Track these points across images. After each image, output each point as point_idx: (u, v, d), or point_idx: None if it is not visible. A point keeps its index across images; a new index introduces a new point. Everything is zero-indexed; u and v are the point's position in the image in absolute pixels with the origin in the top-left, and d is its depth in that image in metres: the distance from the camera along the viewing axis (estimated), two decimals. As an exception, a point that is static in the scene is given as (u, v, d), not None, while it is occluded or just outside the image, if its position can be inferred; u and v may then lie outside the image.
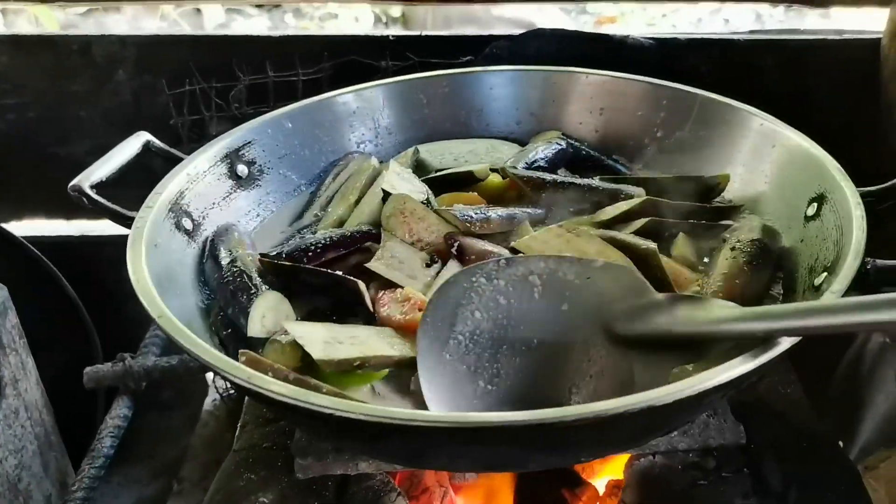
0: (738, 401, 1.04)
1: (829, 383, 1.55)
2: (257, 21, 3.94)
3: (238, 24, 3.87)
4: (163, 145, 1.19)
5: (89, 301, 1.79)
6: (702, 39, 1.60)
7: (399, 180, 1.14)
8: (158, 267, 0.94)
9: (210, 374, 1.90)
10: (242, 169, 1.18)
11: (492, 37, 1.60)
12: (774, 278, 1.00)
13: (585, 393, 0.82)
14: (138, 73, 1.69)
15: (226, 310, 0.99)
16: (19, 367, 1.50)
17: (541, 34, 1.57)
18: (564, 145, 1.27)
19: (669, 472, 1.01)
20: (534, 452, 0.78)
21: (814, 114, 1.16)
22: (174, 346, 1.58)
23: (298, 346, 0.89)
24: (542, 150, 1.24)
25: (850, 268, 0.82)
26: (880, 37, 1.56)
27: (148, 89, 1.70)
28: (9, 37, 1.74)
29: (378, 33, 1.68)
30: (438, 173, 1.23)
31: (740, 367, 0.71)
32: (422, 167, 1.26)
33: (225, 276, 1.00)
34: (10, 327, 1.47)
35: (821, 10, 2.20)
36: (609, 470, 1.15)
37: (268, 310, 0.96)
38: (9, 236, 1.72)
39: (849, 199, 0.94)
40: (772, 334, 0.74)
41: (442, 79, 1.35)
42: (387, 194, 1.10)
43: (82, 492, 1.29)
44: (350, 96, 1.31)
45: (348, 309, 0.98)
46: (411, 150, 1.29)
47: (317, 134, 1.28)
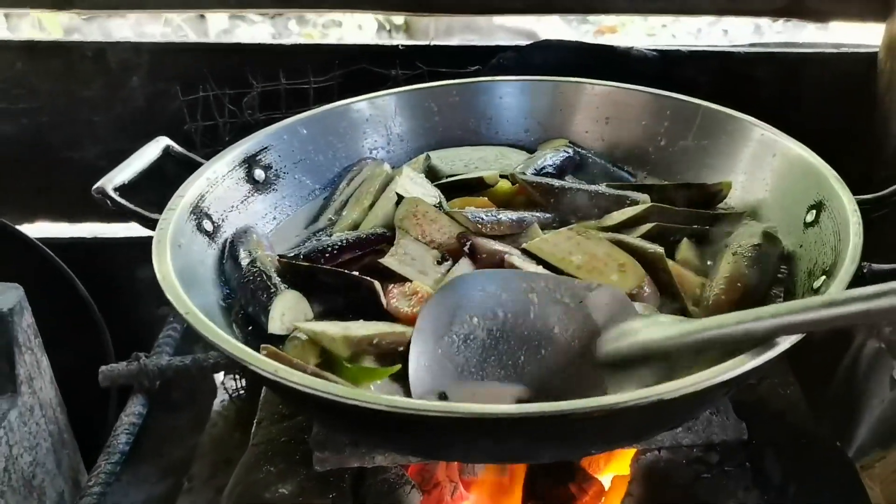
0: (740, 401, 1.08)
1: (827, 387, 1.59)
2: (261, 28, 3.95)
3: (241, 30, 3.88)
4: (181, 150, 1.22)
5: (101, 301, 1.81)
6: (703, 52, 1.65)
7: (412, 184, 1.18)
8: (182, 266, 0.97)
9: (219, 375, 1.93)
10: (259, 173, 1.22)
11: (499, 47, 1.64)
12: (775, 282, 1.04)
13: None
14: (152, 80, 1.73)
15: (246, 308, 1.03)
16: (34, 365, 1.53)
17: (547, 45, 1.61)
18: (571, 153, 1.31)
19: (674, 466, 1.05)
20: (546, 444, 0.82)
21: (810, 125, 1.19)
22: (187, 346, 1.63)
23: (317, 343, 0.93)
24: (550, 157, 1.28)
25: (847, 271, 0.86)
26: (877, 51, 1.60)
27: (161, 95, 1.73)
28: (23, 42, 1.77)
29: (388, 43, 1.72)
30: (449, 179, 1.27)
31: (745, 365, 0.75)
32: (433, 173, 1.29)
33: (245, 275, 1.03)
34: (25, 326, 1.50)
35: (819, 23, 2.25)
36: (615, 466, 1.18)
37: (287, 308, 0.99)
38: (23, 238, 1.75)
39: (846, 206, 0.97)
40: (771, 333, 0.77)
41: (453, 88, 1.39)
42: (400, 197, 1.14)
43: (98, 487, 1.31)
44: (363, 104, 1.34)
45: (361, 310, 1.01)
46: (423, 156, 1.32)
47: (331, 140, 1.31)
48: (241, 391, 1.83)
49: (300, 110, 1.34)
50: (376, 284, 1.00)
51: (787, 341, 0.78)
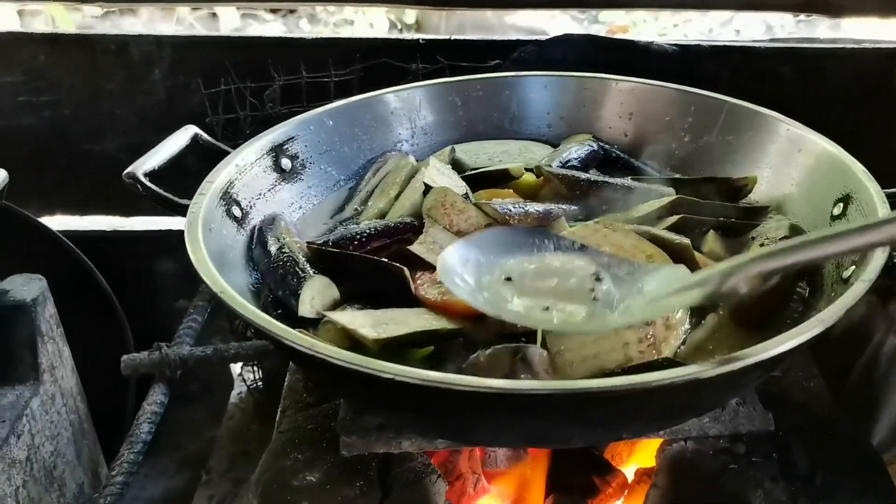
0: (765, 392, 1.08)
1: (847, 383, 1.59)
2: (272, 26, 3.96)
3: (253, 28, 3.89)
4: (210, 139, 1.23)
5: (121, 293, 1.83)
6: (723, 46, 1.65)
7: (439, 175, 1.19)
8: (213, 249, 0.97)
9: (236, 367, 1.94)
10: (286, 163, 1.23)
11: (519, 41, 1.65)
12: (801, 273, 1.04)
13: None
14: (173, 73, 1.74)
15: (276, 292, 1.03)
16: (56, 354, 1.54)
17: (567, 39, 1.62)
18: (596, 147, 1.31)
19: (700, 457, 1.05)
20: (576, 425, 0.82)
21: (830, 120, 1.20)
22: (206, 337, 1.63)
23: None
24: (574, 150, 1.28)
25: (878, 259, 0.86)
26: (896, 46, 1.61)
27: (182, 88, 1.74)
28: (46, 35, 1.78)
29: (408, 37, 1.73)
30: (475, 171, 1.27)
31: (779, 347, 0.75)
32: (458, 166, 1.29)
33: (275, 261, 1.04)
34: (47, 316, 1.51)
35: (832, 20, 2.25)
36: (638, 458, 1.19)
37: (316, 293, 1.00)
38: (45, 230, 1.76)
39: (874, 197, 0.98)
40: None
41: (477, 82, 1.40)
42: (428, 188, 1.15)
43: (122, 476, 1.32)
44: (389, 97, 1.35)
45: (388, 296, 1.01)
46: (448, 149, 1.33)
47: (356, 132, 1.32)
48: (259, 383, 1.83)
49: (321, 103, 1.34)
50: (405, 271, 1.01)
51: (820, 325, 0.78)
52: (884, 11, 1.64)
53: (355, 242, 1.08)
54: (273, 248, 1.07)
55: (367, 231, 1.10)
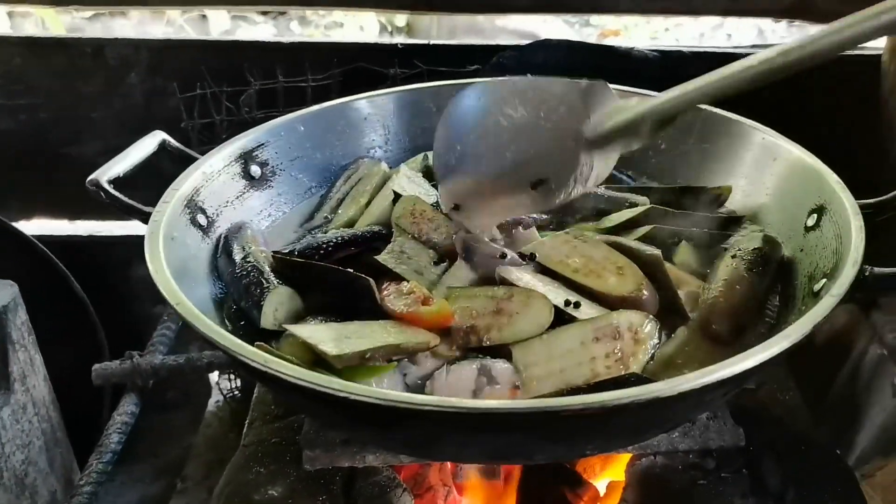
0: (738, 405, 1.06)
1: (828, 394, 1.57)
2: (263, 28, 3.94)
3: (243, 30, 3.88)
4: (178, 145, 1.21)
5: (96, 299, 1.81)
6: (705, 52, 1.64)
7: (409, 183, 1.17)
8: (175, 259, 0.96)
9: (214, 376, 1.92)
10: (255, 170, 1.21)
11: (499, 46, 1.64)
12: (774, 286, 1.02)
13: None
14: (150, 77, 1.73)
15: (239, 303, 1.01)
16: (28, 363, 1.52)
17: (547, 45, 1.61)
18: (570, 154, 1.29)
19: (670, 472, 1.04)
20: (540, 442, 0.80)
21: (814, 127, 1.18)
22: (182, 346, 1.61)
23: (311, 344, 0.92)
24: (548, 157, 1.27)
25: (848, 273, 0.85)
26: (880, 53, 1.59)
27: (159, 92, 1.73)
28: (23, 38, 1.77)
29: (386, 41, 1.71)
30: (447, 178, 1.25)
31: (743, 364, 0.74)
32: (430, 173, 1.27)
33: (238, 270, 1.02)
34: (19, 324, 1.49)
35: (822, 26, 2.23)
36: (610, 472, 1.17)
37: (280, 304, 0.98)
38: (19, 235, 1.74)
39: (847, 209, 0.96)
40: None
41: (452, 88, 1.36)
42: (397, 196, 1.13)
43: (90, 486, 1.30)
44: (362, 102, 1.33)
45: (354, 307, 0.99)
46: (420, 156, 1.31)
47: (328, 138, 1.30)
48: (236, 392, 1.81)
49: (298, 108, 1.32)
50: (371, 282, 0.99)
51: (786, 341, 0.76)
52: (869, 18, 1.62)
53: (321, 252, 1.06)
54: (238, 258, 1.05)
55: (334, 240, 1.08)
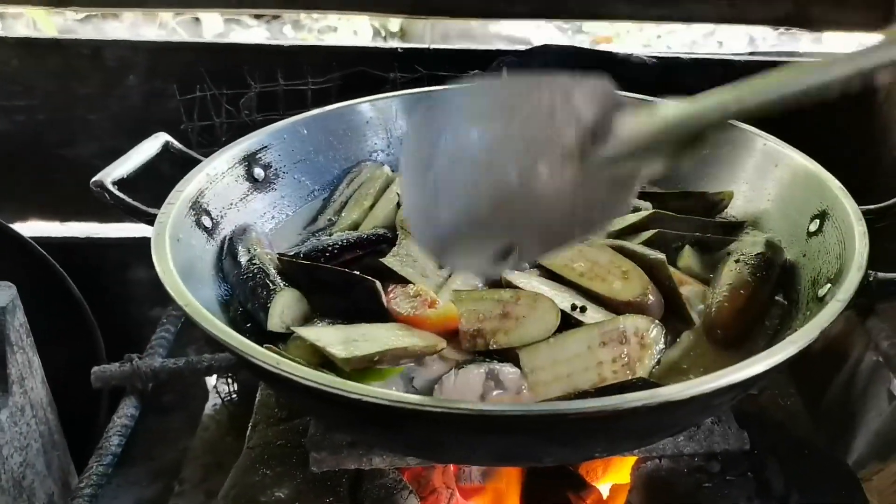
0: (741, 411, 1.07)
1: (825, 400, 1.59)
2: (256, 32, 3.93)
3: (236, 34, 3.87)
4: (181, 146, 1.21)
5: (94, 302, 1.80)
6: (703, 59, 1.65)
7: (413, 187, 1.17)
8: (181, 260, 0.96)
9: (211, 379, 1.91)
10: (259, 172, 1.21)
11: (499, 51, 1.64)
12: (777, 291, 1.03)
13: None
14: (149, 79, 1.72)
15: (245, 305, 1.02)
16: (26, 365, 1.51)
17: (547, 50, 1.61)
18: (573, 159, 1.30)
19: (675, 475, 1.04)
20: (548, 444, 0.81)
21: (810, 134, 1.19)
22: (180, 349, 1.61)
23: (318, 347, 0.92)
24: (551, 162, 1.27)
25: (853, 277, 0.86)
26: (876, 62, 1.61)
27: (157, 94, 1.72)
28: (20, 39, 1.76)
29: (386, 46, 1.71)
30: (450, 182, 1.26)
31: (752, 368, 0.74)
32: (434, 176, 1.28)
33: (244, 273, 1.02)
34: (17, 326, 1.48)
35: (813, 34, 2.26)
36: (613, 475, 1.17)
37: (286, 306, 0.99)
38: (17, 237, 1.73)
39: (850, 214, 0.97)
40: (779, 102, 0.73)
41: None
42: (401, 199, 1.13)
43: (90, 489, 1.29)
44: (365, 106, 1.34)
45: (360, 309, 0.99)
46: (423, 159, 1.32)
47: (331, 141, 1.30)
48: (234, 395, 1.81)
49: (298, 111, 1.33)
50: (377, 284, 0.99)
51: (793, 346, 0.77)
52: (863, 26, 1.64)
53: (327, 254, 1.07)
54: (243, 260, 1.05)
55: (340, 243, 1.08)
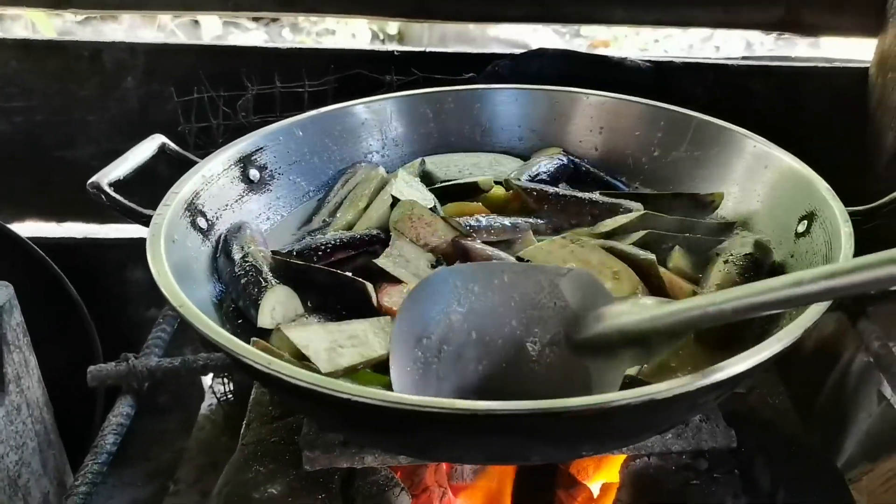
0: (730, 410, 1.08)
1: (816, 401, 1.60)
2: (254, 35, 3.95)
3: (235, 36, 3.89)
4: (177, 148, 1.22)
5: (90, 302, 1.81)
6: (697, 63, 1.66)
7: (407, 188, 1.18)
8: (176, 261, 0.97)
9: (207, 379, 1.92)
10: (254, 173, 1.22)
11: (494, 55, 1.66)
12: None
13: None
14: (147, 81, 1.73)
15: (237, 302, 1.03)
16: (22, 364, 1.52)
17: (542, 54, 1.63)
18: (566, 161, 1.31)
19: (663, 473, 1.06)
20: (537, 443, 0.82)
21: (802, 138, 1.20)
22: (176, 348, 1.62)
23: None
24: (544, 164, 1.29)
25: (838, 278, 0.86)
26: (868, 66, 1.62)
27: (155, 96, 1.73)
28: (19, 41, 1.77)
29: (383, 48, 1.73)
30: (444, 183, 1.27)
31: (737, 367, 0.75)
32: (427, 178, 1.29)
33: (237, 270, 1.03)
34: (14, 325, 1.49)
35: (810, 39, 2.27)
36: (604, 473, 1.18)
37: (277, 303, 0.99)
38: (14, 236, 1.74)
39: (837, 215, 0.98)
40: (741, 312, 0.74)
41: (448, 94, 1.39)
42: (395, 200, 1.14)
43: (85, 486, 1.30)
44: (360, 108, 1.35)
45: (351, 309, 1.00)
46: (417, 161, 1.33)
47: (326, 143, 1.31)
48: (230, 395, 1.82)
49: (294, 113, 1.33)
50: (368, 286, 1.00)
51: (777, 345, 0.78)
52: (858, 31, 1.65)
53: (320, 253, 1.08)
54: (237, 257, 1.06)
55: (333, 242, 1.09)
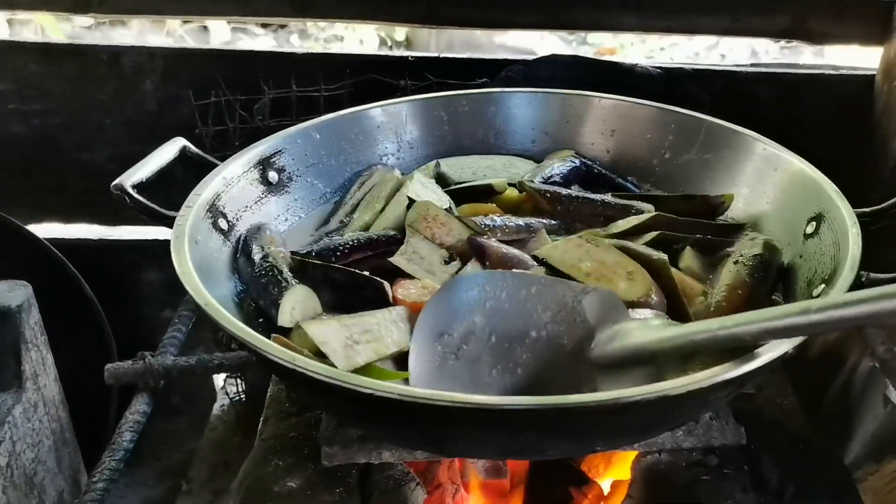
0: (739, 409, 1.10)
1: (823, 403, 1.61)
2: (262, 41, 3.98)
3: (243, 42, 3.91)
4: (198, 151, 1.24)
5: (106, 302, 1.83)
6: (706, 70, 1.69)
7: (423, 189, 1.21)
8: (199, 261, 0.99)
9: (219, 380, 1.94)
10: (273, 175, 1.24)
11: (507, 61, 1.68)
12: (774, 291, 1.06)
13: None
14: (164, 84, 1.76)
15: (257, 301, 1.05)
16: (39, 362, 1.54)
17: (554, 59, 1.65)
18: (578, 163, 1.33)
19: (674, 469, 1.08)
20: (552, 438, 0.84)
21: (809, 144, 1.22)
22: (190, 347, 1.64)
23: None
24: (557, 166, 1.31)
25: (846, 278, 0.88)
26: (874, 73, 1.64)
27: (172, 100, 1.76)
28: (38, 44, 1.80)
29: (397, 54, 1.75)
30: (459, 185, 1.29)
31: (749, 364, 0.77)
32: (442, 180, 1.31)
33: (257, 270, 1.06)
34: (32, 324, 1.51)
35: (816, 47, 2.30)
36: (615, 471, 1.20)
37: (297, 302, 1.01)
38: (32, 237, 1.77)
39: (845, 217, 1.00)
40: (757, 337, 0.77)
41: (463, 98, 1.42)
42: (411, 201, 1.17)
43: (102, 483, 1.31)
44: (376, 111, 1.37)
45: (370, 306, 1.02)
46: (432, 163, 1.35)
47: (343, 146, 1.34)
48: (242, 395, 1.84)
49: (310, 117, 1.36)
50: (385, 285, 1.03)
51: (785, 344, 0.79)
52: (863, 39, 1.68)
53: (338, 253, 1.10)
54: (257, 257, 1.08)
55: (350, 243, 1.11)
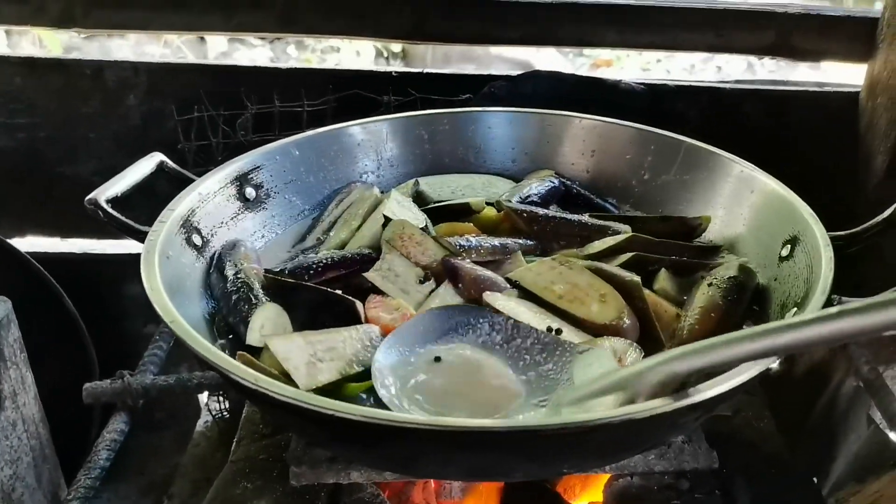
0: (714, 431, 1.09)
1: (806, 423, 1.60)
2: (260, 52, 3.97)
3: (241, 53, 3.91)
4: (175, 166, 1.24)
5: (88, 317, 1.83)
6: (690, 87, 1.68)
7: (399, 208, 1.20)
8: (169, 277, 0.98)
9: (203, 396, 1.93)
10: (250, 192, 1.24)
11: (490, 76, 1.68)
12: (748, 314, 1.05)
13: None
14: (148, 99, 1.76)
15: (227, 318, 1.04)
16: (19, 380, 1.53)
17: (537, 76, 1.65)
18: (557, 183, 1.33)
19: (646, 492, 1.07)
20: (518, 460, 0.83)
21: (794, 160, 1.22)
22: (172, 366, 1.63)
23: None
24: (535, 186, 1.30)
25: (817, 302, 0.88)
26: (859, 90, 1.64)
27: (156, 114, 1.76)
28: (23, 58, 1.79)
29: (381, 69, 1.75)
30: (436, 204, 1.29)
31: (712, 390, 0.76)
32: (421, 198, 1.31)
33: (229, 287, 1.05)
34: (11, 341, 1.50)
35: (805, 62, 2.29)
36: (590, 493, 1.19)
37: (267, 320, 1.01)
38: (13, 251, 1.76)
39: (819, 240, 1.00)
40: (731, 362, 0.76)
41: (443, 116, 1.42)
42: (387, 219, 1.16)
43: (77, 501, 1.31)
44: (356, 129, 1.37)
45: (341, 325, 1.01)
46: (411, 181, 1.35)
47: (322, 163, 1.33)
48: (225, 412, 1.83)
49: (293, 132, 1.36)
50: (357, 304, 1.02)
51: (754, 368, 0.79)
52: (847, 56, 1.67)
53: (311, 272, 1.09)
54: (230, 273, 1.08)
55: (324, 261, 1.11)
